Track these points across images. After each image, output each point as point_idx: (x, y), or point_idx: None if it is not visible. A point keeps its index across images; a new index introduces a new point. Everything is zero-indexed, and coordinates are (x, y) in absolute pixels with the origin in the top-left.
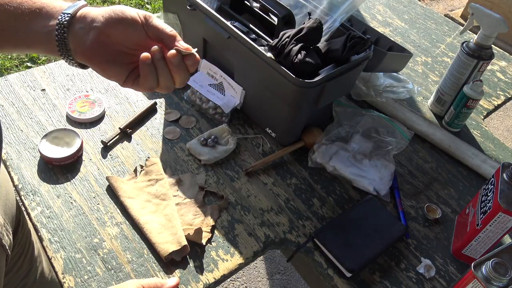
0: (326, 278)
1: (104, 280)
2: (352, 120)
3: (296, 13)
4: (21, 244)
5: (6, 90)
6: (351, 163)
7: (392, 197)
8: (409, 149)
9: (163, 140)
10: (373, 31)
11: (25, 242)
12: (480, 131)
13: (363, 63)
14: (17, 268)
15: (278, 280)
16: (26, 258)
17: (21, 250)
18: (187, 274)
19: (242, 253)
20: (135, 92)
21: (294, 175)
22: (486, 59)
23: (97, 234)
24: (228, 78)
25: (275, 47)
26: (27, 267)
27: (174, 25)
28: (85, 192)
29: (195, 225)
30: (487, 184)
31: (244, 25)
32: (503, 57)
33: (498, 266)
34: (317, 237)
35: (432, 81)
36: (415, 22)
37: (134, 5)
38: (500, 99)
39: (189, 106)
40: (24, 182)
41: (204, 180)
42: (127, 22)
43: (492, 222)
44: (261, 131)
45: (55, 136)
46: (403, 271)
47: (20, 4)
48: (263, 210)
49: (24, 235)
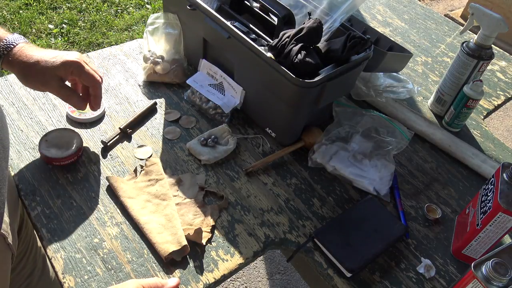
0: (326, 278)
1: (104, 280)
2: (352, 120)
3: (296, 13)
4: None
5: (6, 90)
6: (351, 163)
7: (392, 197)
8: (409, 149)
9: (163, 140)
10: (373, 31)
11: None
12: (480, 131)
13: (363, 63)
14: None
15: (278, 280)
16: (30, 257)
17: (25, 249)
18: (187, 274)
19: (242, 253)
20: (135, 92)
21: (294, 175)
22: (486, 59)
23: (97, 234)
24: (228, 78)
25: (275, 47)
26: (31, 266)
27: (174, 25)
28: (85, 192)
29: (195, 225)
30: (487, 184)
31: (244, 25)
32: (503, 57)
33: (498, 266)
34: (317, 237)
35: (432, 81)
36: (415, 22)
37: (134, 5)
38: (500, 99)
39: (189, 106)
40: (24, 182)
41: (204, 180)
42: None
43: (492, 222)
44: (261, 131)
45: (55, 136)
46: (403, 271)
47: None
48: (263, 210)
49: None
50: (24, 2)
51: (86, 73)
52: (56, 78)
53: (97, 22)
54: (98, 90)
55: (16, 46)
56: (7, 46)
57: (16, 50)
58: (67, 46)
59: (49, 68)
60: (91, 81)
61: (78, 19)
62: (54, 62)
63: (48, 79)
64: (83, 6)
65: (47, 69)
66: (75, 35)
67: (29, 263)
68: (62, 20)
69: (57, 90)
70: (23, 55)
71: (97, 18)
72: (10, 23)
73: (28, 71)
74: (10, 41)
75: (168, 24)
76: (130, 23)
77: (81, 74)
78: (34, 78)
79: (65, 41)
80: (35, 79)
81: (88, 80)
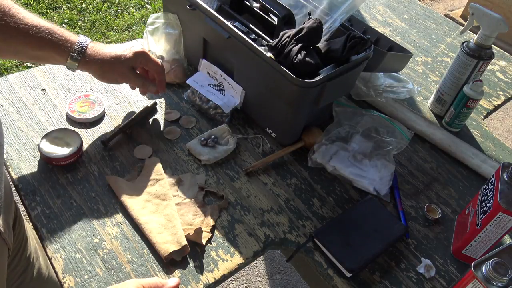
0: (326, 278)
1: (104, 280)
2: (352, 120)
3: (296, 13)
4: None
5: (6, 90)
6: (351, 163)
7: (392, 197)
8: (409, 149)
9: (163, 140)
10: (373, 31)
11: (22, 238)
12: (480, 131)
13: (363, 63)
14: (15, 264)
15: (278, 280)
16: (24, 254)
17: (18, 246)
18: (187, 274)
19: (242, 253)
20: (135, 92)
21: (294, 175)
22: (486, 59)
23: (97, 234)
24: (228, 78)
25: (275, 47)
26: (25, 263)
27: (174, 25)
28: (85, 192)
29: (195, 225)
30: (487, 184)
31: (244, 25)
32: (503, 57)
33: (498, 266)
34: (317, 237)
35: (432, 81)
36: (415, 22)
37: (134, 5)
38: (500, 99)
39: (189, 106)
40: (24, 182)
41: (204, 180)
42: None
43: (492, 222)
44: (261, 131)
45: (55, 136)
46: (403, 271)
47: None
48: (263, 210)
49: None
50: (24, 2)
51: (152, 61)
52: (131, 69)
53: (97, 22)
54: (162, 75)
55: (88, 47)
56: (81, 48)
57: (89, 51)
58: None
59: (125, 61)
60: (156, 67)
61: (78, 19)
62: (127, 55)
63: (125, 71)
64: (83, 6)
65: (123, 62)
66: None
67: (23, 260)
68: (62, 20)
69: (133, 79)
70: (97, 54)
71: (97, 18)
72: None
73: (107, 67)
74: (83, 43)
75: (168, 24)
76: (130, 23)
77: (148, 62)
78: (112, 72)
79: None
80: (114, 73)
81: (154, 67)
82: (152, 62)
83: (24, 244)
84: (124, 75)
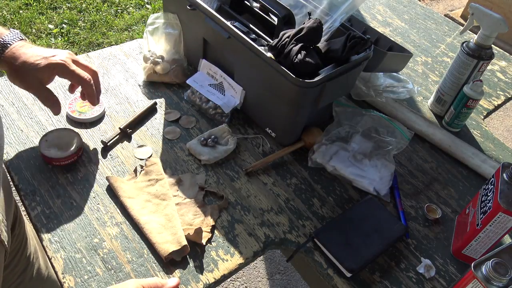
0: (326, 278)
1: (104, 280)
2: (352, 120)
3: (296, 13)
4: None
5: (6, 90)
6: (351, 163)
7: (392, 197)
8: (409, 149)
9: (163, 140)
10: (373, 31)
11: (21, 238)
12: (480, 131)
13: (363, 63)
14: (14, 264)
15: (278, 280)
16: (23, 254)
17: (18, 246)
18: (187, 274)
19: (242, 253)
20: (135, 92)
21: (294, 175)
22: (486, 59)
23: (97, 234)
24: (228, 78)
25: (275, 47)
26: (24, 263)
27: (174, 25)
28: (85, 192)
29: (195, 225)
30: (487, 184)
31: (244, 25)
32: (503, 57)
33: (498, 266)
34: (317, 237)
35: (432, 81)
36: (415, 22)
37: (134, 5)
38: (500, 99)
39: (189, 106)
40: (24, 182)
41: (204, 180)
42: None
43: (492, 222)
44: (261, 131)
45: (55, 136)
46: (403, 271)
47: None
48: (263, 210)
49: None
50: (24, 2)
51: (71, 73)
52: (36, 81)
53: (97, 22)
54: (89, 88)
55: (13, 44)
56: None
57: (9, 49)
58: (67, 46)
59: (31, 70)
60: (78, 80)
61: (78, 19)
62: (38, 65)
63: (29, 80)
64: (83, 6)
65: (29, 71)
66: (75, 35)
67: (22, 260)
68: (62, 20)
69: (36, 91)
70: (13, 55)
71: (97, 18)
72: (10, 23)
73: (14, 71)
74: (6, 40)
75: (168, 24)
76: (130, 23)
77: (66, 74)
78: (18, 79)
79: (65, 41)
80: (18, 80)
81: (74, 79)
82: (72, 74)
83: (24, 244)
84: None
